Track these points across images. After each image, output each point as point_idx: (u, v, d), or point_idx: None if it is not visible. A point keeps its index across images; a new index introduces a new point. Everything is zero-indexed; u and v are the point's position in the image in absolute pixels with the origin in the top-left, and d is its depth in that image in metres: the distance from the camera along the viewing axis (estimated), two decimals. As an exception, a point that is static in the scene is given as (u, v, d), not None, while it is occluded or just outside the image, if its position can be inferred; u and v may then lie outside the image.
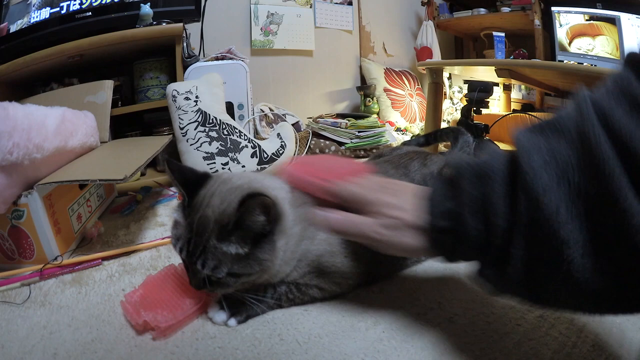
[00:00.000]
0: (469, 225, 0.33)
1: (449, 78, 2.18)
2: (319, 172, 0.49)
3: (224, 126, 1.10)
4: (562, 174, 0.27)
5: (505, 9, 1.89)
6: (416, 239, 0.37)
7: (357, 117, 1.59)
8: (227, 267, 0.43)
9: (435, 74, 1.60)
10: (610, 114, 0.25)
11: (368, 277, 0.56)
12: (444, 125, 1.86)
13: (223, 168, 1.05)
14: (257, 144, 1.14)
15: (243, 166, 1.09)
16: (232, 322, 0.48)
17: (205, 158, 1.04)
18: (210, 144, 1.06)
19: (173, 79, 1.25)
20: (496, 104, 1.89)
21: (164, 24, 1.18)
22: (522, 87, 1.95)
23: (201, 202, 0.45)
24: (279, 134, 1.23)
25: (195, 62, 1.27)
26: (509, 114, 1.53)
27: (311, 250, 0.50)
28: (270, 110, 1.63)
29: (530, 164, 0.28)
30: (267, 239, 0.45)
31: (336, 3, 1.99)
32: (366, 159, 0.72)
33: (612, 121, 0.25)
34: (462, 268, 0.62)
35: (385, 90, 2.01)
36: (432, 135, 0.90)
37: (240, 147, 1.10)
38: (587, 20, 1.67)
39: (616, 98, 0.26)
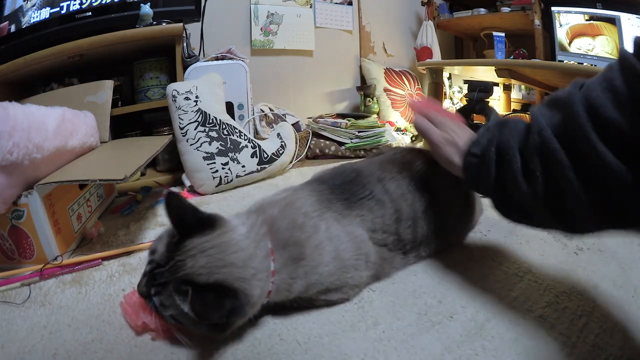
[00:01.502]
0: (491, 157, 0.47)
1: (449, 78, 2.18)
2: (430, 107, 0.63)
3: (224, 126, 1.10)
4: (554, 129, 0.41)
5: (505, 9, 1.89)
6: (457, 157, 0.53)
7: (357, 117, 1.59)
8: (173, 312, 0.41)
9: (435, 74, 1.60)
10: (590, 90, 0.38)
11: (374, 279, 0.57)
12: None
13: (223, 168, 1.05)
14: (257, 144, 1.14)
15: (243, 166, 1.09)
16: None
17: (205, 158, 1.04)
18: (210, 144, 1.06)
19: (173, 79, 1.25)
20: (496, 104, 1.89)
21: (164, 24, 1.18)
22: (522, 87, 1.95)
23: (187, 250, 0.42)
24: (279, 134, 1.23)
25: (195, 62, 1.27)
26: (509, 114, 1.53)
27: (316, 278, 0.49)
28: (270, 110, 1.63)
29: (541, 124, 0.42)
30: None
31: (336, 3, 1.99)
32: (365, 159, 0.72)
33: (590, 95, 0.38)
34: (462, 268, 0.62)
35: (385, 90, 2.01)
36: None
37: (240, 147, 1.10)
38: (587, 20, 1.67)
39: (599, 80, 0.38)
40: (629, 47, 0.38)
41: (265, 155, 1.14)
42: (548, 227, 0.47)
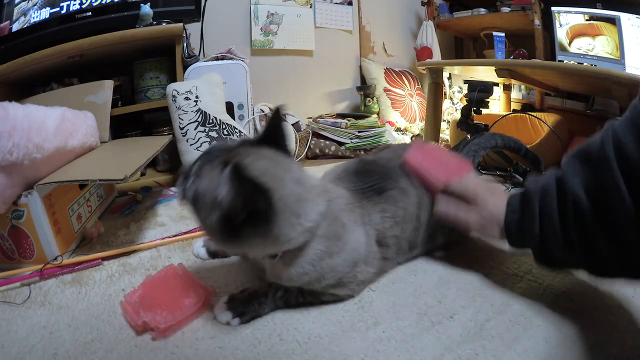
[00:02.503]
0: (532, 228, 0.48)
1: (449, 78, 2.17)
2: (436, 166, 0.60)
3: (224, 126, 1.10)
4: (587, 187, 0.42)
5: (505, 9, 1.89)
6: (499, 232, 0.52)
7: (357, 117, 1.59)
8: (202, 186, 0.42)
9: (435, 74, 1.60)
10: (623, 141, 0.38)
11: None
12: (443, 125, 1.86)
13: (223, 168, 1.05)
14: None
15: (243, 166, 1.09)
16: (236, 321, 0.49)
17: (205, 158, 1.04)
18: (210, 143, 1.06)
19: (173, 79, 1.25)
20: (496, 104, 1.89)
21: (164, 24, 1.18)
22: (522, 87, 1.95)
23: (257, 151, 0.46)
24: (279, 134, 1.23)
25: (195, 62, 1.27)
26: (509, 114, 1.53)
27: (336, 267, 0.49)
28: (270, 110, 1.63)
29: (572, 184, 0.44)
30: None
31: (336, 3, 1.99)
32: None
33: (623, 147, 0.38)
34: (462, 268, 0.62)
35: (385, 90, 2.01)
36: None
37: (240, 147, 1.10)
38: (587, 20, 1.67)
39: (628, 127, 0.39)
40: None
41: (265, 155, 1.14)
42: (590, 272, 0.48)
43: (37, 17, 1.20)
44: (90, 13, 1.19)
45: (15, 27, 1.21)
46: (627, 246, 0.39)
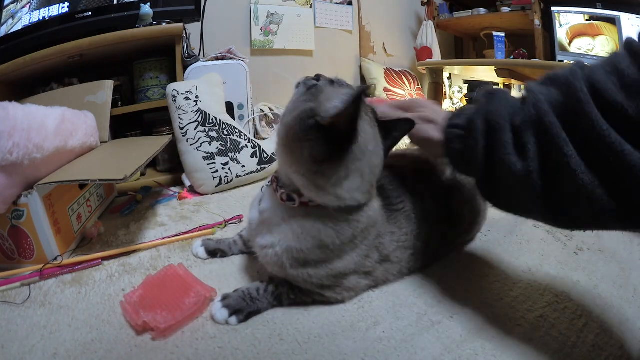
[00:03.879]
0: (478, 128, 0.43)
1: (449, 78, 2.17)
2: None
3: (224, 126, 1.10)
4: (552, 105, 0.39)
5: (505, 9, 1.89)
6: (437, 132, 0.49)
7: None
8: (302, 100, 0.46)
9: (435, 74, 1.60)
10: (593, 72, 0.37)
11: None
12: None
13: (223, 168, 1.05)
14: (257, 144, 1.14)
15: (243, 166, 1.09)
16: (233, 320, 0.49)
17: (205, 158, 1.04)
18: (210, 144, 1.06)
19: (173, 79, 1.25)
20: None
21: (164, 24, 1.18)
22: (522, 87, 1.95)
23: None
24: (279, 134, 1.22)
25: (195, 62, 1.27)
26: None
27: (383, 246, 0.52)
28: (270, 110, 1.63)
29: (538, 97, 0.40)
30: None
31: (336, 3, 1.99)
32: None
33: (593, 77, 0.36)
34: (462, 268, 0.62)
35: (385, 90, 2.01)
36: None
37: (240, 147, 1.10)
38: (587, 20, 1.67)
39: (603, 64, 0.37)
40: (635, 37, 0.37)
41: (266, 156, 1.14)
42: (536, 216, 0.42)
43: (37, 17, 1.20)
44: (90, 13, 1.19)
45: (3, 30, 1.21)
46: (608, 178, 0.35)
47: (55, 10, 1.19)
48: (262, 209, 0.54)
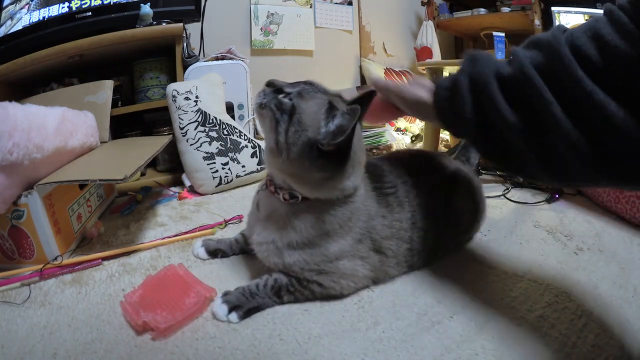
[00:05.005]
0: (463, 85, 0.45)
1: (449, 78, 2.18)
2: None
3: (224, 126, 1.10)
4: (536, 67, 0.40)
5: (505, 9, 1.89)
6: (426, 94, 0.51)
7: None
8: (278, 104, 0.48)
9: (435, 74, 1.60)
10: (575, 37, 0.38)
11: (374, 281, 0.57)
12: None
13: (223, 168, 1.05)
14: (257, 143, 1.14)
15: (243, 166, 1.09)
16: (233, 316, 0.49)
17: (205, 158, 1.04)
18: (210, 144, 1.06)
19: (173, 79, 1.25)
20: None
21: (164, 24, 1.18)
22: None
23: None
24: (279, 134, 1.22)
25: (195, 62, 1.27)
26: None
27: (328, 245, 0.51)
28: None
29: (523, 60, 0.41)
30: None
31: (336, 3, 1.99)
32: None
33: (575, 43, 0.37)
34: (462, 268, 0.62)
35: (385, 90, 2.01)
36: None
37: (240, 147, 1.10)
38: (587, 20, 1.67)
39: (584, 29, 0.38)
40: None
41: (265, 155, 1.14)
42: (532, 171, 0.43)
43: (36, 17, 1.20)
44: (90, 13, 1.19)
45: (2, 30, 1.21)
46: (596, 140, 0.36)
47: (55, 10, 1.19)
48: (262, 212, 0.55)
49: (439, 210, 0.60)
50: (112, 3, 1.20)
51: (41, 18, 1.19)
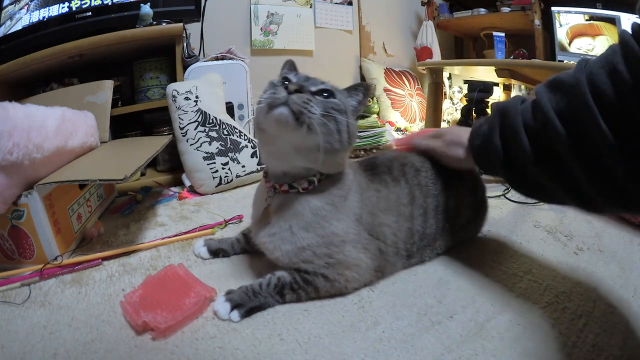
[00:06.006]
0: (495, 143, 0.50)
1: (449, 78, 2.17)
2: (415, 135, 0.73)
3: (224, 126, 1.10)
4: (559, 114, 0.43)
5: (505, 9, 1.89)
6: (463, 152, 0.58)
7: (356, 117, 1.58)
8: (342, 98, 0.53)
9: (435, 74, 1.60)
10: (595, 74, 0.40)
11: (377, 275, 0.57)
12: (443, 125, 1.86)
13: (223, 168, 1.05)
14: (257, 143, 1.14)
15: (243, 166, 1.09)
16: (235, 315, 0.49)
17: (205, 158, 1.04)
18: (210, 144, 1.06)
19: (173, 79, 1.25)
20: (496, 104, 1.89)
21: (164, 24, 1.18)
22: (522, 87, 1.95)
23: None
24: (279, 134, 1.22)
25: (195, 62, 1.27)
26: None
27: (335, 226, 0.53)
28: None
29: (546, 104, 0.44)
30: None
31: (336, 3, 1.99)
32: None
33: (595, 82, 0.39)
34: (462, 268, 0.62)
35: (385, 90, 2.01)
36: None
37: (240, 147, 1.10)
38: (587, 20, 1.67)
39: (601, 64, 0.40)
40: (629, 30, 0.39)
41: (265, 155, 1.14)
42: (563, 202, 0.48)
43: (36, 17, 1.20)
44: (90, 13, 1.19)
45: (2, 31, 1.21)
46: (606, 176, 0.40)
47: (55, 10, 1.19)
48: (273, 208, 0.55)
49: (437, 197, 0.62)
50: (112, 3, 1.20)
51: (41, 18, 1.19)
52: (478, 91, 1.22)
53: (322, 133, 0.47)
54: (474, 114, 1.25)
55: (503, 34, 1.89)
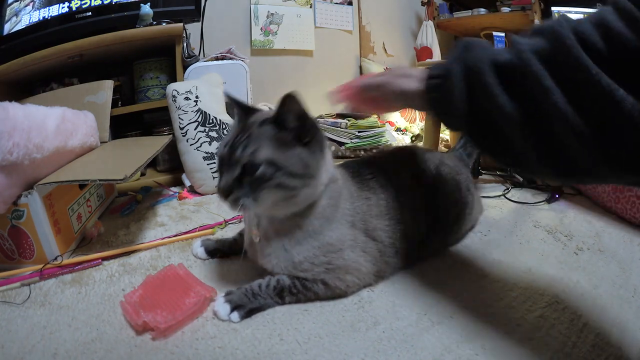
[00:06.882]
0: (456, 73, 0.43)
1: (449, 78, 2.18)
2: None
3: (224, 126, 1.10)
4: (536, 53, 0.38)
5: (505, 9, 1.89)
6: (415, 83, 0.49)
7: (357, 117, 1.58)
8: (267, 152, 0.46)
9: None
10: (579, 24, 0.36)
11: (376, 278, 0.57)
12: (442, 126, 1.86)
13: (223, 168, 1.06)
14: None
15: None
16: (235, 316, 0.49)
17: (205, 158, 1.04)
18: (210, 143, 1.06)
19: (173, 79, 1.25)
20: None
21: (164, 24, 1.18)
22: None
23: (254, 115, 0.52)
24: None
25: (195, 62, 1.27)
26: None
27: (331, 235, 0.52)
28: (270, 110, 1.63)
29: (522, 47, 0.39)
30: (309, 146, 0.48)
31: (336, 3, 1.99)
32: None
33: (578, 29, 0.36)
34: (462, 268, 0.62)
35: (385, 90, 2.01)
36: None
37: (240, 147, 1.10)
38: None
39: (588, 18, 0.36)
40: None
41: (265, 155, 1.14)
42: (530, 165, 0.41)
43: (36, 17, 1.20)
44: (90, 13, 1.19)
45: (7, 27, 1.21)
46: (598, 126, 0.34)
47: (55, 10, 1.19)
48: (262, 232, 0.55)
49: (423, 198, 0.62)
50: (112, 3, 1.20)
51: (41, 18, 1.19)
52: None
53: (271, 200, 0.48)
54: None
55: (503, 34, 1.89)
